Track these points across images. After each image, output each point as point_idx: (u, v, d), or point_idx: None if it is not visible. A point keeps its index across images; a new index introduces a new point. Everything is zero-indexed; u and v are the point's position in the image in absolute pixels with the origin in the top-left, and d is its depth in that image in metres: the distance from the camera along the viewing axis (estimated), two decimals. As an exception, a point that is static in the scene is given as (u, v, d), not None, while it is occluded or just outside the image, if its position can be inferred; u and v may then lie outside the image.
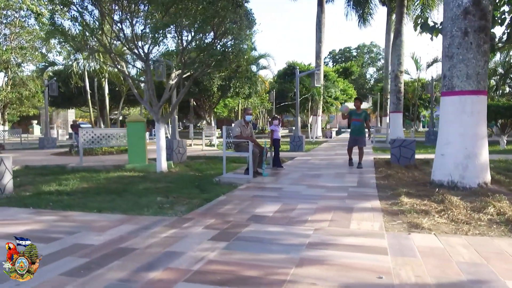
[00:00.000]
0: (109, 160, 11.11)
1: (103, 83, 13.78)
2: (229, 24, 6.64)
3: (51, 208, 4.99)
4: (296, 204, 4.82)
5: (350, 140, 8.85)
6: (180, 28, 6.90)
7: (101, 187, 6.56)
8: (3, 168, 5.95)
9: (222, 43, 7.07)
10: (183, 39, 7.14)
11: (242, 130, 7.35)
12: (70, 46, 7.92)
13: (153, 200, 5.32)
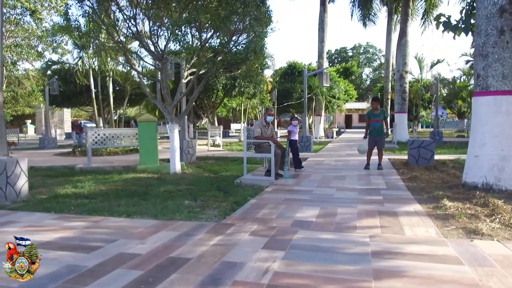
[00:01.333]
0: (117, 160, 10.82)
1: (107, 82, 13.44)
2: (252, 21, 6.41)
3: (75, 212, 4.73)
4: (335, 208, 4.62)
5: (370, 141, 8.55)
6: (199, 25, 6.65)
7: (120, 189, 6.30)
8: (18, 170, 5.66)
9: (243, 40, 6.84)
10: (202, 37, 6.89)
11: (263, 131, 7.13)
12: (81, 43, 7.59)
13: (181, 204, 5.09)
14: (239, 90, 17.18)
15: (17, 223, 4.14)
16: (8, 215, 4.52)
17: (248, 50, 6.46)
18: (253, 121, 35.13)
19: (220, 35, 6.73)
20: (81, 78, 12.69)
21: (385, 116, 8.56)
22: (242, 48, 6.56)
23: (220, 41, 6.63)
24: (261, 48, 6.92)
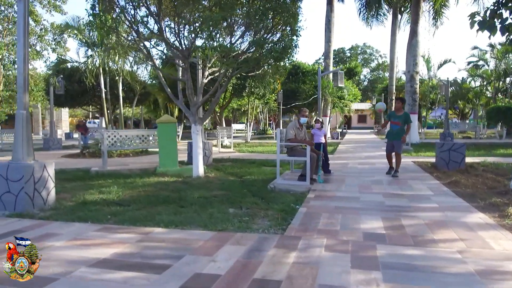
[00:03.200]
0: (131, 163, 10.45)
1: (117, 82, 13.05)
2: (290, 17, 6.10)
3: (114, 222, 4.39)
4: (396, 217, 4.32)
5: (387, 145, 8.14)
6: (232, 22, 6.32)
7: (151, 195, 5.95)
8: (46, 175, 5.29)
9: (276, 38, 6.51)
10: (234, 34, 6.55)
11: (297, 133, 6.82)
12: (107, 39, 7.22)
13: (225, 212, 4.76)
14: (249, 90, 16.85)
15: (58, 235, 3.78)
16: (44, 226, 4.16)
17: (284, 47, 6.14)
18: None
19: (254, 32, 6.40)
20: (90, 77, 12.26)
21: (407, 120, 7.87)
22: (277, 45, 6.22)
23: (255, 39, 6.29)
24: (295, 46, 6.61)
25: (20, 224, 4.27)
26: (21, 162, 5.08)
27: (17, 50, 5.27)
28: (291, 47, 6.42)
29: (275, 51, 6.07)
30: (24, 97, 5.22)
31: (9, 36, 31.47)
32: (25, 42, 5.23)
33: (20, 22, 5.22)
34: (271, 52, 6.12)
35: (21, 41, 5.22)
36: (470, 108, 28.39)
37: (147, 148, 11.67)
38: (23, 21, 5.21)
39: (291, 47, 6.42)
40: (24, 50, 5.22)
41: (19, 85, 5.23)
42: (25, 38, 5.23)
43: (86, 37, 11.86)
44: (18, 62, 5.27)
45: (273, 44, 6.16)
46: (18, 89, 5.24)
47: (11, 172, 4.97)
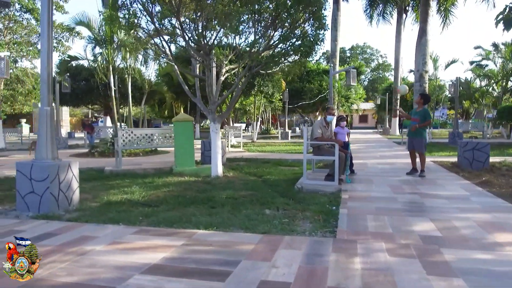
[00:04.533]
0: (144, 162, 10.22)
1: (125, 80, 12.81)
2: (319, 10, 5.89)
3: (148, 224, 4.17)
4: (446, 219, 4.12)
5: (408, 142, 7.91)
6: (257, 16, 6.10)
7: (176, 195, 5.73)
8: (70, 175, 5.07)
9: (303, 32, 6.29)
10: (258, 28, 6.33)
11: (323, 132, 6.61)
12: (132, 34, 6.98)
13: (261, 213, 4.56)
14: (258, 89, 16.63)
15: (96, 239, 3.56)
16: (76, 229, 3.93)
17: (313, 42, 5.93)
18: (249, 121, 34.45)
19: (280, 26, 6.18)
20: (101, 75, 12.01)
21: (426, 117, 7.50)
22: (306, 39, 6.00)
23: (283, 32, 6.06)
24: (322, 40, 6.41)
25: (49, 226, 4.05)
26: (46, 161, 4.85)
27: (41, 44, 5.05)
28: (318, 42, 6.21)
29: (304, 46, 5.86)
30: (48, 93, 5.00)
31: (9, 35, 31.14)
32: (49, 35, 5.00)
33: (44, 15, 5.00)
34: (300, 47, 5.90)
35: (45, 34, 4.99)
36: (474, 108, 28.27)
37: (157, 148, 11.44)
38: (47, 14, 4.98)
39: (318, 42, 6.21)
40: (48, 44, 5.00)
41: (42, 80, 5.01)
42: (49, 31, 5.00)
43: (96, 34, 11.59)
44: (41, 56, 5.04)
45: (302, 38, 5.94)
46: (41, 85, 5.01)
47: (35, 171, 4.75)
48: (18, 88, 31.62)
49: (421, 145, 7.55)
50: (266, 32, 6.61)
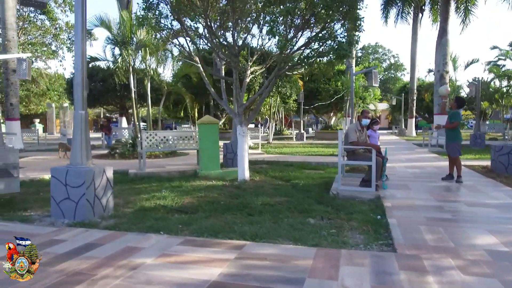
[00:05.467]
0: (166, 165, 10.09)
1: (145, 81, 12.71)
2: (353, 10, 5.69)
3: (191, 233, 4.02)
4: (506, 232, 3.88)
5: (445, 146, 7.62)
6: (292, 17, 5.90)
7: (210, 201, 5.58)
8: (105, 180, 4.94)
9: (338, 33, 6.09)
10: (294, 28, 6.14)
11: (358, 136, 6.40)
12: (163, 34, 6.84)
13: (305, 222, 4.38)
14: (276, 89, 16.42)
15: (142, 250, 3.40)
16: (119, 239, 3.78)
17: (350, 43, 5.73)
18: (259, 121, 34.13)
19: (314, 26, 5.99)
20: (121, 76, 11.93)
21: (451, 119, 7.21)
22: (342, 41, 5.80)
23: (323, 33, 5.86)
24: (357, 42, 6.20)
25: (90, 235, 3.90)
26: (81, 166, 4.72)
27: (75, 46, 4.93)
28: (354, 43, 6.00)
29: (342, 48, 5.65)
30: (82, 96, 4.87)
31: (24, 36, 31.40)
32: (83, 37, 4.88)
33: (78, 19, 4.87)
34: (337, 49, 5.70)
35: (78, 36, 4.87)
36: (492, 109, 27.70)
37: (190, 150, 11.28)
38: (81, 16, 4.85)
39: (354, 43, 6.00)
40: (82, 45, 4.87)
41: (76, 83, 4.88)
42: (83, 33, 4.88)
43: (116, 35, 11.51)
44: (76, 59, 4.92)
45: (339, 39, 5.74)
46: (75, 87, 4.88)
47: (71, 177, 4.62)
48: (32, 89, 31.89)
49: (453, 149, 7.27)
50: (297, 33, 6.42)
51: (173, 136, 9.28)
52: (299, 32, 6.27)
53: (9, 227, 4.26)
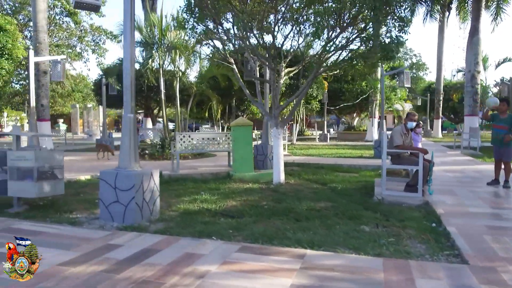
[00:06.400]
0: (198, 166, 10.09)
1: (174, 83, 12.77)
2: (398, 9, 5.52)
3: (243, 239, 3.95)
4: None
5: (494, 151, 7.34)
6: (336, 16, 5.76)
7: (254, 205, 5.52)
8: (152, 184, 4.92)
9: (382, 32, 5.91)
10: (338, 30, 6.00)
11: (404, 139, 6.21)
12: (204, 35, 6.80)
13: (360, 230, 4.25)
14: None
15: (202, 257, 3.34)
16: (173, 244, 3.73)
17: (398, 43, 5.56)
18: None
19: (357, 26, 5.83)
20: (150, 78, 12.02)
21: None
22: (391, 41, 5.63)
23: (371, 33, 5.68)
24: (403, 43, 6.02)
25: (144, 240, 3.87)
26: (130, 169, 4.72)
27: (123, 50, 4.93)
28: (401, 44, 5.83)
29: (390, 49, 5.49)
30: (131, 99, 4.86)
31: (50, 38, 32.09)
32: (131, 40, 4.88)
33: (126, 22, 4.86)
34: (383, 49, 5.54)
35: (127, 40, 4.86)
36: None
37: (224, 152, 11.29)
38: (130, 18, 4.85)
39: (401, 44, 5.83)
40: (131, 50, 4.87)
41: (125, 86, 4.88)
42: (131, 36, 4.87)
43: (146, 37, 11.60)
44: (124, 62, 4.92)
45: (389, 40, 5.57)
46: (124, 91, 4.88)
47: (120, 180, 4.62)
48: (58, 90, 32.59)
49: (509, 154, 6.97)
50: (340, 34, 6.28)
51: (205, 137, 9.26)
52: (342, 32, 6.13)
53: (61, 230, 4.28)
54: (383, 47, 5.53)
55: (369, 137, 22.19)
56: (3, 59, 9.77)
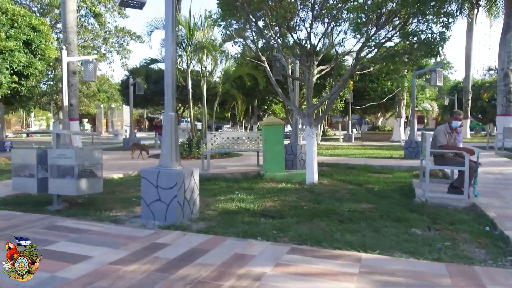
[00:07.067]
0: (227, 165, 10.05)
1: (201, 82, 12.78)
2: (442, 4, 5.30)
3: (289, 240, 3.85)
4: None
5: None
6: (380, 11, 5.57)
7: (293, 206, 5.40)
8: (193, 183, 4.87)
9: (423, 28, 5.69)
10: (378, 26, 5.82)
11: (448, 139, 5.97)
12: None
13: (411, 233, 4.07)
14: (330, 89, 16.03)
15: (253, 258, 3.25)
16: (221, 244, 3.65)
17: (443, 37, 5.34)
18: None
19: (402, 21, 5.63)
20: (179, 78, 12.07)
21: None
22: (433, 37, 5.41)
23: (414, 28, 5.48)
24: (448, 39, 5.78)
25: (190, 240, 3.82)
26: (172, 168, 4.68)
27: (165, 49, 4.91)
28: (446, 40, 5.60)
29: (436, 45, 5.27)
30: (172, 98, 4.83)
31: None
32: (172, 39, 4.83)
33: (168, 22, 4.83)
34: (427, 45, 5.32)
35: (168, 40, 4.83)
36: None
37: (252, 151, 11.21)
38: (171, 18, 4.81)
39: (446, 40, 5.60)
40: (172, 49, 4.83)
41: (167, 84, 4.84)
42: (172, 35, 4.84)
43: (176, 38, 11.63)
44: (165, 61, 4.89)
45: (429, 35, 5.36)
46: (166, 89, 4.84)
47: (162, 179, 4.59)
48: (83, 90, 33.31)
49: None
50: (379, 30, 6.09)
51: (235, 137, 9.21)
52: (382, 28, 5.94)
53: (105, 228, 4.27)
54: (428, 43, 5.31)
55: (395, 137, 21.72)
56: (37, 59, 9.93)
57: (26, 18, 9.48)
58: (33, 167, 5.49)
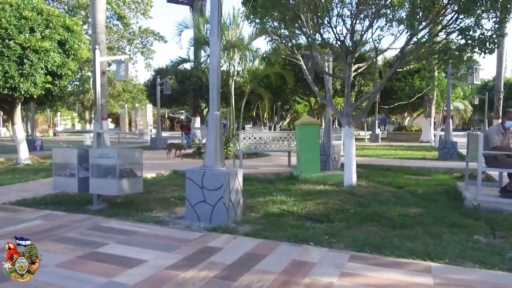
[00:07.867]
0: (258, 166, 9.90)
1: (229, 82, 12.69)
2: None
3: (345, 246, 3.66)
4: None
5: None
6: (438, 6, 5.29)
7: (338, 209, 5.21)
8: (237, 184, 4.74)
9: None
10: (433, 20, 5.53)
11: (502, 139, 5.65)
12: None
13: (475, 241, 3.82)
14: (359, 88, 15.71)
15: (315, 266, 3.09)
16: (275, 249, 3.50)
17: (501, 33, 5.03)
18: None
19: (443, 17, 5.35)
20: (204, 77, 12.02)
21: None
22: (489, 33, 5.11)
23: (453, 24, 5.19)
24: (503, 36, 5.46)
25: (241, 243, 3.68)
26: (217, 169, 4.56)
27: (210, 48, 4.81)
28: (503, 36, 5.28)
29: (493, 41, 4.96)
30: (217, 97, 4.71)
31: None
32: (218, 37, 4.72)
33: (213, 20, 4.72)
34: (485, 41, 5.02)
35: (214, 38, 4.72)
36: None
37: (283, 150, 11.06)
38: (217, 20, 4.70)
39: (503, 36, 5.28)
40: (217, 46, 4.71)
41: (212, 83, 4.73)
42: (218, 33, 4.72)
43: (204, 36, 11.59)
44: (210, 59, 4.79)
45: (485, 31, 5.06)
46: (210, 87, 4.74)
47: (207, 180, 4.47)
48: (109, 90, 33.88)
49: None
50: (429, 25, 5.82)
51: (268, 137, 9.05)
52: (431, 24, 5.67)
53: (151, 230, 4.19)
54: (484, 39, 5.01)
55: (424, 137, 21.11)
56: (70, 59, 10.04)
57: (60, 18, 9.58)
58: (74, 167, 5.48)
